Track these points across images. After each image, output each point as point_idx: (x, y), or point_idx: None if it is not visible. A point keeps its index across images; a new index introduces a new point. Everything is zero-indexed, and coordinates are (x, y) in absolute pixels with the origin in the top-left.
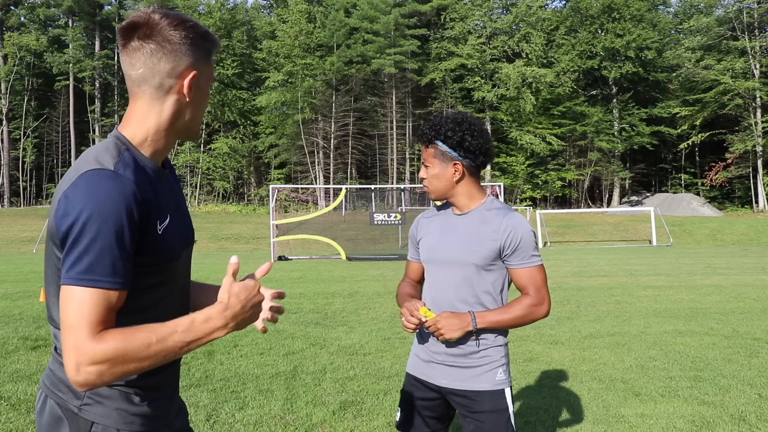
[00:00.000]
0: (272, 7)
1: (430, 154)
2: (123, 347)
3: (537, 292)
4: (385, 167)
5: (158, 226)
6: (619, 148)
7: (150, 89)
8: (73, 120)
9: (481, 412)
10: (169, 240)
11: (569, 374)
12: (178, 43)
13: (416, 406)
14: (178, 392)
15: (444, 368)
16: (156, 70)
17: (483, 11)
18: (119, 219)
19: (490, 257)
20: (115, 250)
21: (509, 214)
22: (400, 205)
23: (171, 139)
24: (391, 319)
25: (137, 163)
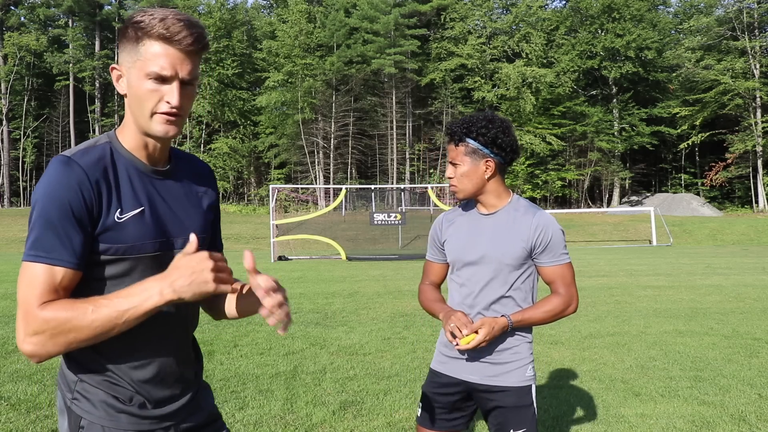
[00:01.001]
0: (272, 7)
1: (460, 152)
2: (62, 316)
3: (567, 289)
4: (385, 167)
5: (116, 213)
6: (619, 148)
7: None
8: (73, 120)
9: (508, 408)
10: (132, 230)
11: (569, 374)
12: (118, 40)
13: (439, 402)
14: (194, 395)
15: (474, 364)
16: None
17: (483, 11)
18: (64, 201)
19: (522, 256)
20: (59, 229)
21: (539, 213)
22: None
23: (142, 137)
24: (391, 319)
25: (110, 154)
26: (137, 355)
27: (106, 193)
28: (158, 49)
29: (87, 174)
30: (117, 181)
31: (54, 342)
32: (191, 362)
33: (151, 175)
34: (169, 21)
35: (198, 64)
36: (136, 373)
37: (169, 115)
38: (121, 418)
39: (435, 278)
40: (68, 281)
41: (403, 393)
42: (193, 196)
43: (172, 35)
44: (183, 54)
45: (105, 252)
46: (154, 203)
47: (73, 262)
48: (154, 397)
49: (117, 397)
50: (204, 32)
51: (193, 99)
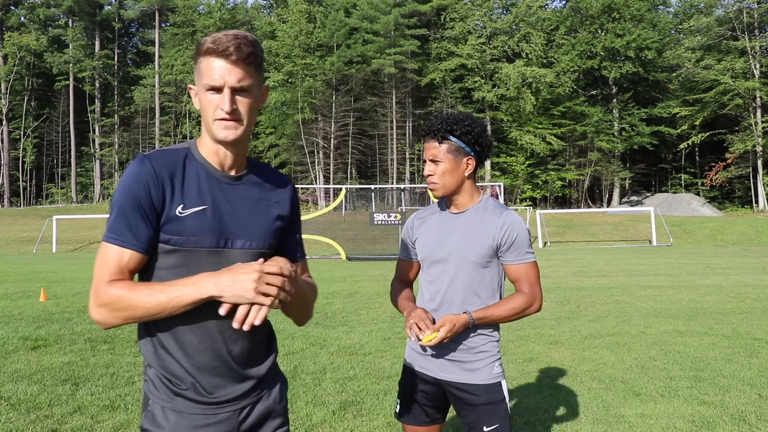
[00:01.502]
0: (272, 7)
1: (442, 150)
2: (124, 295)
3: (531, 288)
4: (385, 167)
5: (178, 208)
6: (619, 148)
7: None
8: (73, 120)
9: (479, 405)
10: (191, 225)
11: (569, 374)
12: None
13: (415, 397)
14: (255, 387)
15: (442, 362)
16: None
17: (483, 11)
18: (134, 192)
19: (488, 254)
20: (128, 216)
21: (506, 212)
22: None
23: (214, 145)
24: (391, 319)
25: (184, 157)
26: (193, 343)
27: (170, 190)
28: (209, 63)
29: (155, 171)
30: (184, 180)
31: (115, 315)
32: (252, 356)
33: (221, 179)
34: (219, 37)
35: (250, 73)
36: (191, 359)
37: (226, 120)
38: (178, 401)
39: (406, 276)
40: (134, 263)
41: None
42: (262, 204)
43: (217, 48)
44: (230, 64)
45: (166, 242)
46: (218, 204)
47: (138, 247)
48: (207, 383)
49: (174, 381)
50: (250, 44)
51: (251, 105)
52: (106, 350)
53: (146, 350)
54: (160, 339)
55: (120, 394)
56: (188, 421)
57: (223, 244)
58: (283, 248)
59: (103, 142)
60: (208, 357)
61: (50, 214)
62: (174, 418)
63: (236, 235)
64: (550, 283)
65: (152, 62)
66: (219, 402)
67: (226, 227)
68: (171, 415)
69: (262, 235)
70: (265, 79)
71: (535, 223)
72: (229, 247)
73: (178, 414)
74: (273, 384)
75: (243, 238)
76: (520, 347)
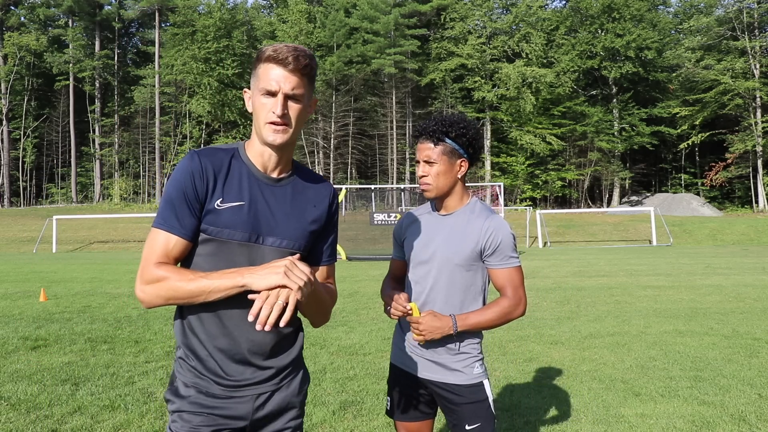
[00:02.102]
0: (272, 7)
1: (437, 152)
2: (169, 276)
3: (514, 292)
4: (385, 167)
5: (218, 201)
6: (619, 148)
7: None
8: (73, 120)
9: (461, 404)
10: (227, 218)
11: (569, 374)
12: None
13: (403, 394)
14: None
15: (424, 362)
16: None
17: (483, 11)
18: (181, 184)
19: (472, 257)
20: (174, 205)
21: (491, 216)
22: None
23: (261, 147)
24: (391, 319)
25: (230, 156)
26: (216, 327)
27: (213, 184)
28: (267, 69)
29: (202, 165)
30: (227, 177)
31: (157, 294)
32: (271, 348)
33: (262, 179)
34: (279, 47)
35: (304, 84)
36: (213, 342)
37: (276, 124)
38: (200, 381)
39: (397, 273)
40: (179, 249)
41: None
42: (299, 206)
43: (277, 57)
44: (288, 72)
45: (203, 231)
46: (256, 202)
47: (183, 233)
48: (227, 366)
49: (198, 363)
50: (308, 57)
51: (301, 114)
52: (106, 350)
53: (177, 331)
54: (189, 321)
55: (120, 394)
56: (206, 395)
57: (254, 239)
58: (315, 250)
59: (103, 142)
60: (227, 342)
61: (50, 214)
62: (194, 391)
63: (269, 232)
64: (550, 283)
65: (152, 62)
66: (237, 385)
67: (260, 224)
68: (191, 389)
69: (294, 235)
70: (315, 92)
71: (535, 223)
72: (261, 243)
73: (197, 389)
74: (294, 376)
75: (275, 236)
76: (520, 347)
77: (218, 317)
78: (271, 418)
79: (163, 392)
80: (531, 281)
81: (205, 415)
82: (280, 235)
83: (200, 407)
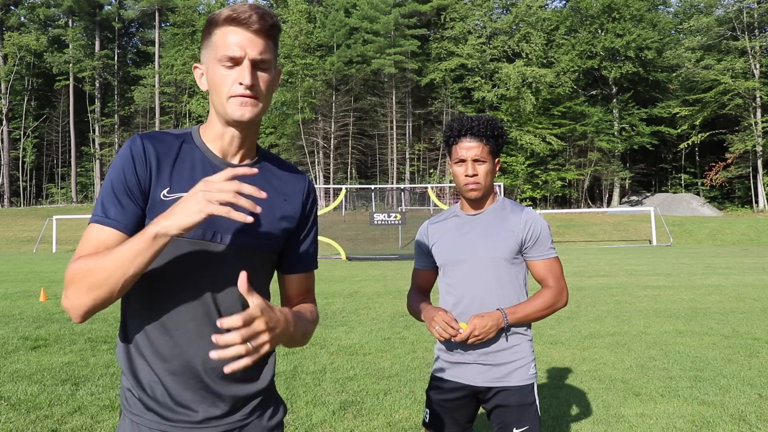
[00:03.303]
0: (272, 7)
1: (486, 151)
2: (86, 261)
3: (557, 282)
4: (385, 167)
5: (163, 192)
6: (619, 148)
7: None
8: (73, 120)
9: (510, 407)
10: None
11: (569, 374)
12: (201, 42)
13: (445, 407)
14: (233, 411)
15: (477, 367)
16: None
17: (483, 11)
18: (119, 169)
19: (514, 250)
20: (111, 194)
21: (527, 209)
22: (400, 205)
23: (221, 128)
24: (391, 319)
25: (181, 141)
26: (167, 346)
27: (158, 171)
28: (227, 32)
29: (145, 149)
30: (175, 163)
31: (78, 290)
32: (233, 374)
33: (220, 167)
34: (238, 6)
35: (270, 48)
36: (163, 363)
37: (244, 96)
38: (149, 416)
39: (423, 285)
40: (113, 241)
41: (403, 393)
42: (267, 200)
43: (239, 16)
44: (252, 34)
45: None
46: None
47: (120, 225)
48: (178, 395)
49: (145, 391)
50: (273, 16)
51: (270, 83)
52: (106, 350)
53: (121, 355)
54: (135, 341)
55: (120, 394)
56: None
57: (210, 236)
58: (290, 255)
59: (103, 142)
60: (179, 364)
61: (50, 214)
62: (146, 430)
63: (227, 229)
64: None
65: (152, 62)
66: (192, 422)
67: (217, 219)
68: (143, 428)
69: (260, 233)
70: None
71: None
72: (218, 241)
73: (149, 430)
74: (265, 409)
75: (235, 233)
76: None
77: (168, 333)
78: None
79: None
80: (531, 281)
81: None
82: (242, 231)
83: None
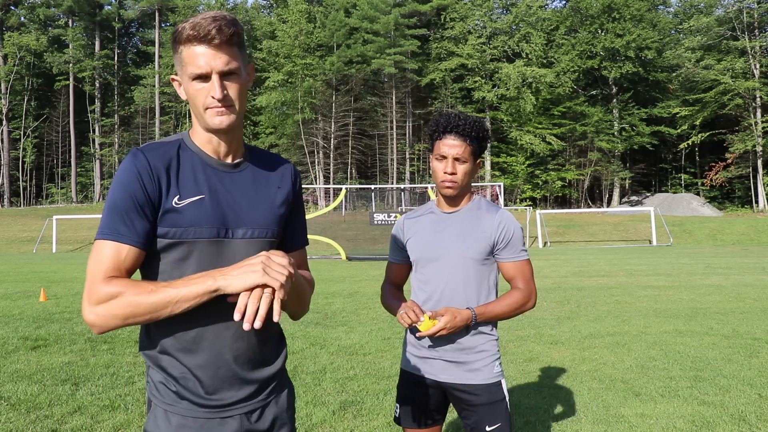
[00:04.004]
0: (272, 7)
1: (468, 151)
2: (125, 290)
3: (526, 284)
4: (385, 167)
5: (174, 199)
6: (619, 148)
7: None
8: (73, 120)
9: (480, 405)
10: (189, 215)
11: (569, 374)
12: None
13: (415, 401)
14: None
15: (443, 364)
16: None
17: (483, 11)
18: (127, 187)
19: (486, 251)
20: (123, 212)
21: (501, 210)
22: (400, 205)
23: (207, 133)
24: (391, 319)
25: (177, 148)
26: (194, 341)
27: (166, 181)
28: (191, 51)
29: (149, 163)
30: (179, 171)
31: (113, 315)
32: (256, 358)
33: (217, 167)
34: (197, 22)
35: (236, 55)
36: (192, 358)
37: (218, 107)
38: (182, 405)
39: (396, 279)
40: (132, 259)
41: None
42: (264, 191)
43: (198, 35)
44: (214, 49)
45: (164, 235)
46: (216, 193)
47: (136, 241)
48: (209, 385)
49: (175, 383)
50: (230, 23)
51: (241, 88)
52: (106, 350)
53: (147, 351)
54: (161, 339)
55: (120, 394)
56: (192, 423)
57: (223, 233)
58: (286, 235)
59: (103, 142)
60: (208, 357)
61: (50, 214)
62: (176, 420)
63: (237, 224)
64: (550, 283)
65: (152, 62)
66: (222, 405)
67: (226, 216)
68: (174, 417)
69: (265, 223)
70: (249, 57)
71: (535, 223)
72: (231, 236)
73: (181, 417)
74: (281, 390)
75: (244, 227)
76: (520, 347)
77: (195, 329)
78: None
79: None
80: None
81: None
82: (249, 224)
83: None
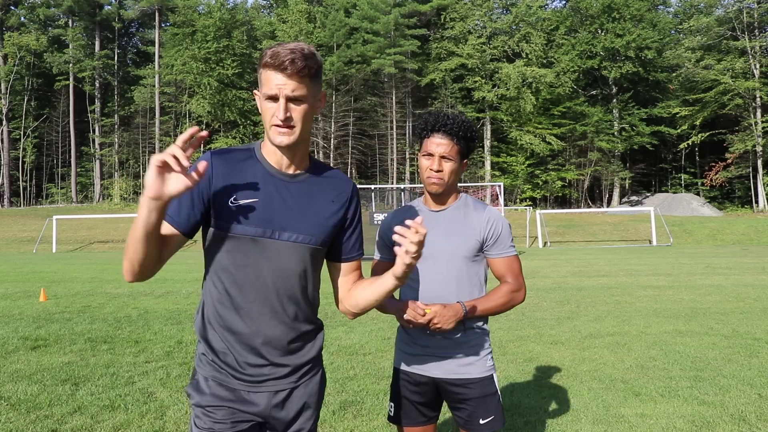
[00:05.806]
0: (272, 7)
1: (455, 150)
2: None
3: (515, 279)
4: (385, 167)
5: (230, 199)
6: (619, 148)
7: None
8: (73, 120)
9: (473, 398)
10: (240, 215)
11: (569, 374)
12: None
13: (409, 399)
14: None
15: (436, 360)
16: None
17: (483, 11)
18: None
19: (476, 248)
20: (182, 199)
21: (488, 208)
22: (400, 205)
23: (272, 146)
24: (391, 319)
25: (245, 156)
26: (234, 322)
27: (225, 182)
28: (267, 75)
29: (213, 164)
30: (240, 175)
31: (126, 258)
32: (288, 346)
33: (278, 176)
34: (277, 51)
35: (305, 84)
36: (232, 336)
37: (280, 126)
38: (218, 375)
39: None
40: (170, 235)
41: None
42: (316, 201)
43: (275, 63)
44: (285, 77)
45: (218, 228)
46: (270, 198)
47: (177, 223)
48: (244, 360)
49: (216, 357)
50: (306, 58)
51: (306, 113)
52: (106, 350)
53: (198, 326)
54: (208, 316)
55: (120, 394)
56: (225, 388)
57: (269, 234)
58: (340, 246)
59: (103, 142)
60: (244, 338)
61: (50, 214)
62: (214, 384)
63: (284, 227)
64: (550, 283)
65: (152, 62)
66: (254, 381)
67: (275, 219)
68: (212, 382)
69: (311, 230)
70: (322, 85)
71: (535, 223)
72: (276, 238)
73: (217, 384)
74: (312, 375)
75: (290, 231)
76: (520, 347)
77: (237, 312)
78: (290, 418)
79: (185, 386)
80: (531, 281)
81: (226, 409)
82: (296, 229)
83: (220, 400)
